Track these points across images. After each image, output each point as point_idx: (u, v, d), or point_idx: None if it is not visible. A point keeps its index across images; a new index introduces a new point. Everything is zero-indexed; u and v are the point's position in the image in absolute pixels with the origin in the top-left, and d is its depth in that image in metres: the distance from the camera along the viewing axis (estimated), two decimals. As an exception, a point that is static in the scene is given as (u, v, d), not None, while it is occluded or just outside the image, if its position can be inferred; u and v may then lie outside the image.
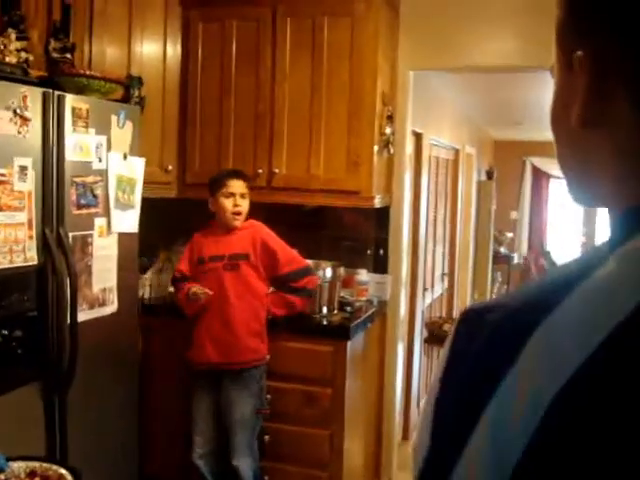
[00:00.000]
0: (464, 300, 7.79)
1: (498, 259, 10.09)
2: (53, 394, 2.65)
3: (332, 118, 3.62)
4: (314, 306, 3.55)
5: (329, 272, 3.53)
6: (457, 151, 6.95)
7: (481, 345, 0.54)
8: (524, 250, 11.68)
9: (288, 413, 3.43)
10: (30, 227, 2.48)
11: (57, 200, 2.62)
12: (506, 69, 4.19)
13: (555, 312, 0.51)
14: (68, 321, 2.64)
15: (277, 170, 3.70)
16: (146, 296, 3.75)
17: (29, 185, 2.46)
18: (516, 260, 11.11)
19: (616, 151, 0.59)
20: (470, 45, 3.91)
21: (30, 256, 2.47)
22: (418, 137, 4.75)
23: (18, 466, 1.57)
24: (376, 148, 3.61)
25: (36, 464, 1.58)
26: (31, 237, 2.48)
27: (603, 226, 11.52)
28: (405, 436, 4.78)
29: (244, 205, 3.32)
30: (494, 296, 9.73)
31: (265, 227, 3.40)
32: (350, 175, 3.59)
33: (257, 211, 3.47)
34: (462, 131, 7.32)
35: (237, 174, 3.38)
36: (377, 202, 3.67)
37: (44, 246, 2.55)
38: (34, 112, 2.49)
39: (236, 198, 3.31)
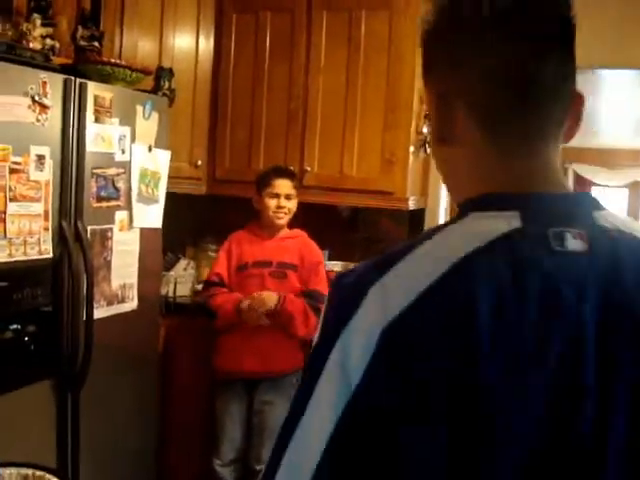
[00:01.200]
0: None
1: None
2: (66, 392, 2.55)
3: (367, 115, 3.49)
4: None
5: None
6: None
7: (336, 301, 0.79)
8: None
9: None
10: (46, 219, 2.38)
11: (76, 192, 2.51)
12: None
13: (392, 269, 0.75)
14: (84, 317, 2.54)
15: (309, 168, 3.57)
16: (170, 294, 3.64)
17: (46, 175, 2.36)
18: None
19: (464, 162, 0.84)
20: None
21: (45, 249, 2.38)
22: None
23: (10, 473, 1.46)
24: (412, 148, 3.46)
25: (29, 471, 1.47)
26: (47, 229, 2.38)
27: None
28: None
29: (289, 205, 3.18)
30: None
31: (311, 240, 3.28)
32: (384, 175, 3.45)
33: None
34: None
35: (283, 173, 3.23)
36: (411, 204, 3.52)
37: (60, 239, 2.44)
38: (54, 99, 2.39)
39: (280, 199, 3.16)
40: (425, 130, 3.54)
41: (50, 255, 2.41)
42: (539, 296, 0.75)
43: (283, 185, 3.17)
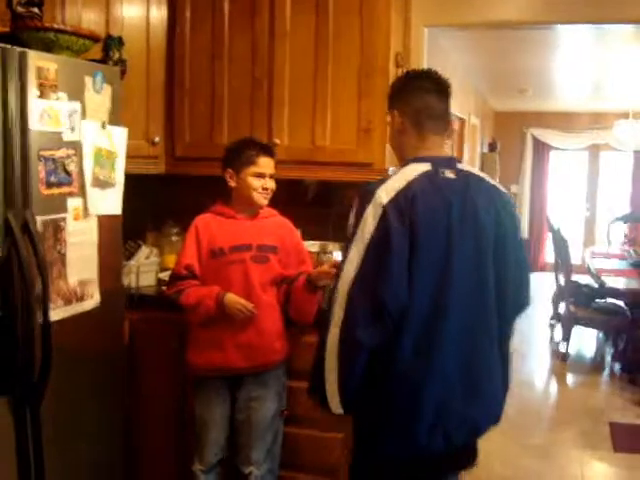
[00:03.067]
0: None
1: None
2: (23, 408, 2.24)
3: (340, 81, 3.20)
4: (323, 295, 3.15)
5: (339, 255, 3.11)
6: (463, 121, 6.55)
7: (361, 200, 1.97)
8: (525, 225, 11.33)
9: (299, 415, 3.04)
10: (-12, 211, 2.06)
11: (21, 178, 2.19)
12: (522, 24, 3.79)
13: (384, 184, 1.96)
14: (39, 321, 2.23)
15: (278, 141, 3.28)
16: (132, 285, 3.33)
17: (-15, 160, 2.04)
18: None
19: (410, 142, 2.12)
20: (487, -1, 3.53)
21: (-11, 246, 2.06)
22: (429, 104, 4.33)
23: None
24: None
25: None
26: (-10, 223, 2.06)
27: (604, 199, 11.17)
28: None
29: (272, 185, 2.90)
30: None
31: (286, 219, 3.03)
32: (361, 146, 3.18)
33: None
34: (468, 100, 6.92)
35: (269, 151, 2.91)
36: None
37: (6, 234, 2.13)
38: (-10, 72, 2.06)
39: (266, 179, 2.87)
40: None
41: (-4, 253, 2.09)
42: (440, 194, 1.99)
43: (268, 164, 2.88)
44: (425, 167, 2.00)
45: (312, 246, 3.33)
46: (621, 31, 4.98)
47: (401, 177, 1.97)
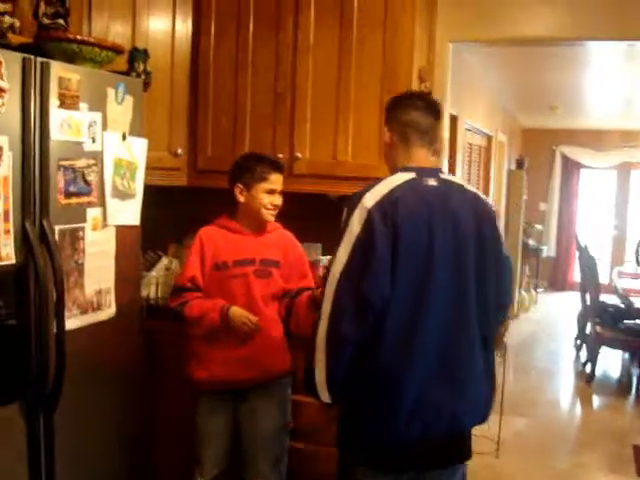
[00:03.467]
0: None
1: (526, 252, 9.63)
2: (37, 415, 2.25)
3: (362, 96, 3.19)
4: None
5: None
6: (490, 138, 6.51)
7: (350, 205, 2.09)
8: (553, 243, 11.21)
9: (313, 431, 3.01)
10: (6, 219, 2.07)
11: (40, 187, 2.21)
12: (550, 41, 3.75)
13: (370, 190, 2.09)
14: (54, 330, 2.24)
15: (300, 155, 3.28)
16: (152, 296, 3.34)
17: (4, 169, 2.06)
18: (545, 253, 10.63)
19: (398, 155, 2.31)
20: (513, 15, 3.52)
21: (6, 254, 2.07)
22: (453, 120, 4.32)
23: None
24: (412, 130, 3.18)
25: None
26: (7, 232, 2.08)
27: (634, 217, 11.01)
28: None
29: (281, 201, 2.89)
30: (523, 292, 9.27)
31: (289, 232, 3.01)
32: (382, 161, 3.15)
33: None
34: (495, 117, 6.87)
35: (279, 167, 2.90)
36: (412, 191, 3.24)
37: (24, 242, 2.14)
38: (12, 82, 2.08)
39: (276, 196, 2.86)
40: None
41: (12, 261, 2.11)
42: (422, 199, 2.11)
43: (279, 180, 2.87)
44: (410, 175, 2.17)
45: (331, 260, 3.30)
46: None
47: (386, 184, 2.13)
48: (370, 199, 2.06)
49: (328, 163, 3.25)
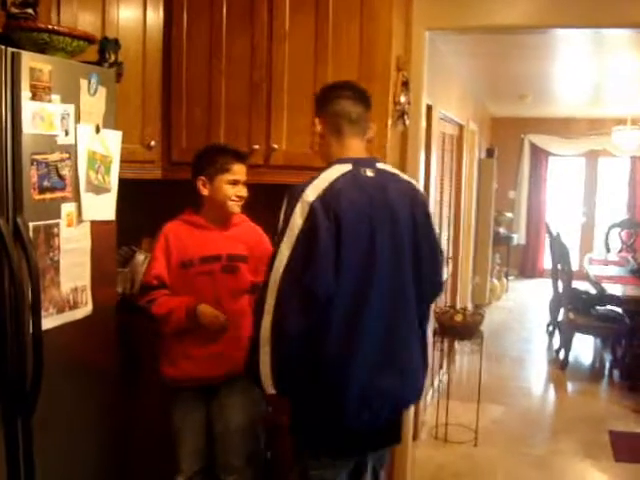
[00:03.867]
0: (465, 286, 7.35)
1: (497, 240, 9.69)
2: (14, 419, 2.17)
3: (339, 85, 3.14)
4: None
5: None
6: (461, 127, 6.49)
7: (287, 200, 2.19)
8: (523, 230, 11.28)
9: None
10: (-22, 216, 1.99)
11: (13, 182, 2.13)
12: (527, 28, 3.72)
13: (311, 184, 2.16)
14: (30, 330, 2.16)
15: (276, 146, 3.22)
16: (127, 292, 3.26)
17: (-25, 164, 1.97)
18: (516, 241, 10.70)
19: (331, 145, 2.34)
20: (489, 2, 3.49)
21: (-22, 252, 1.99)
22: (429, 109, 4.27)
23: None
24: (390, 120, 3.14)
25: None
26: (-21, 229, 2.00)
27: (602, 205, 11.13)
28: (415, 436, 4.35)
29: (245, 192, 2.85)
30: (494, 280, 9.32)
31: (255, 225, 2.99)
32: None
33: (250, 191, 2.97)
34: (466, 106, 6.86)
35: (241, 157, 2.86)
36: (391, 181, 3.20)
37: (-4, 240, 2.06)
38: (-19, 73, 1.99)
39: (239, 187, 2.82)
40: (402, 99, 3.22)
41: (-15, 260, 2.02)
42: (361, 190, 2.19)
43: (243, 171, 2.83)
44: (347, 167, 2.22)
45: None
46: (620, 36, 4.94)
47: (326, 177, 2.18)
48: (312, 193, 2.10)
49: (305, 154, 3.19)
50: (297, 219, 2.08)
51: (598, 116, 10.26)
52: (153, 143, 3.29)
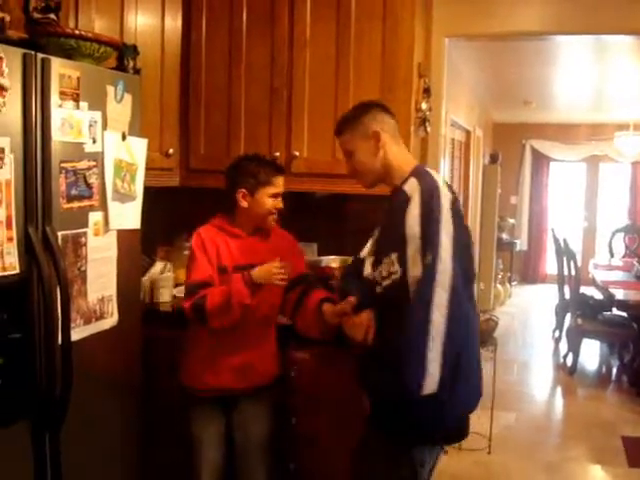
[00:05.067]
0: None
1: (500, 246, 9.67)
2: (43, 432, 2.13)
3: (361, 92, 3.10)
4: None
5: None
6: (469, 133, 6.49)
7: (426, 196, 2.11)
8: (525, 236, 11.27)
9: (317, 437, 2.94)
10: (9, 226, 1.95)
11: (43, 191, 2.09)
12: (544, 34, 3.72)
13: (439, 180, 2.18)
14: (59, 342, 2.12)
15: (297, 153, 3.19)
16: (146, 301, 3.22)
17: (6, 173, 1.93)
18: (519, 247, 10.69)
19: (398, 152, 2.34)
20: (508, 9, 3.48)
21: (10, 263, 1.95)
22: (442, 116, 4.25)
23: None
24: (412, 127, 3.11)
25: None
26: (11, 239, 1.95)
27: (603, 209, 11.13)
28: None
29: (282, 205, 2.79)
30: (499, 286, 9.30)
31: (290, 236, 2.93)
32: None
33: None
34: (473, 112, 6.86)
35: (282, 169, 2.81)
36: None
37: (27, 249, 2.02)
38: (12, 79, 1.96)
39: (279, 199, 2.76)
40: (424, 106, 3.20)
41: (16, 270, 1.98)
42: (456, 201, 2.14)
43: (282, 184, 2.78)
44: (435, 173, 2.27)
45: (333, 261, 3.23)
46: (621, 43, 4.96)
47: (437, 175, 2.22)
48: (445, 200, 2.11)
49: (327, 161, 3.17)
50: (447, 213, 2.07)
51: (600, 122, 10.27)
52: (171, 151, 3.26)
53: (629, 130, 8.61)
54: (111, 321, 2.43)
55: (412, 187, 2.15)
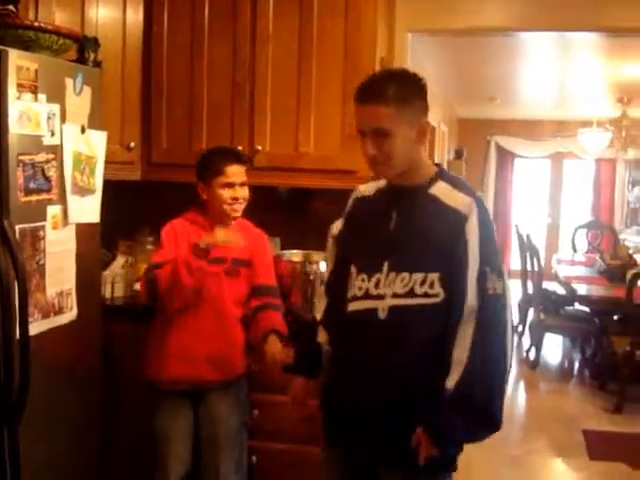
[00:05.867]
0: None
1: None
2: (1, 427, 2.11)
3: (324, 86, 3.12)
4: (305, 304, 3.08)
5: (323, 266, 3.02)
6: (433, 129, 6.53)
7: (483, 210, 1.92)
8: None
9: (278, 430, 2.95)
10: (-35, 219, 1.93)
11: (0, 184, 2.06)
12: (507, 30, 3.77)
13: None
14: (17, 336, 2.10)
15: (260, 147, 3.19)
16: (107, 296, 3.20)
17: (-38, 165, 1.91)
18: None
19: (421, 150, 1.96)
20: (471, 5, 3.51)
21: (-34, 256, 1.93)
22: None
23: None
24: (374, 121, 3.12)
25: None
26: (-34, 232, 1.93)
27: (567, 206, 11.29)
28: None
29: (244, 193, 2.75)
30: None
31: (259, 230, 2.93)
32: (345, 152, 3.10)
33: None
34: (438, 108, 6.91)
35: (237, 157, 2.77)
36: (375, 183, 3.20)
37: (-17, 243, 2.00)
38: (-33, 71, 1.93)
39: (236, 189, 2.72)
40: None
41: (-27, 264, 1.96)
42: None
43: (237, 172, 2.73)
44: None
45: (295, 255, 3.24)
46: (585, 40, 5.03)
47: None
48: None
49: (289, 155, 3.18)
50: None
51: (564, 118, 10.41)
52: (133, 144, 3.23)
53: (592, 127, 8.73)
54: (70, 315, 2.41)
55: (463, 202, 1.90)
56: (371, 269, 1.98)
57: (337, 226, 2.25)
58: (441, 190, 1.94)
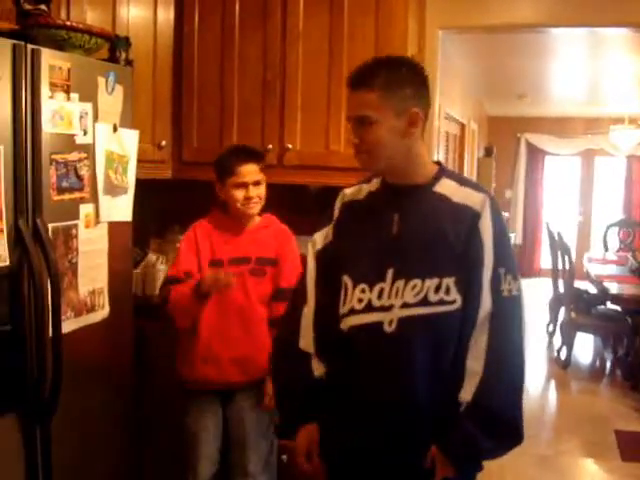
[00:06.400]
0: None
1: (494, 240, 9.65)
2: (33, 425, 2.13)
3: (354, 84, 3.10)
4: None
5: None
6: (463, 126, 6.48)
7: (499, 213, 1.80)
8: (520, 230, 11.29)
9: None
10: (-1, 218, 1.95)
11: (32, 183, 2.08)
12: (539, 26, 3.72)
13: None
14: (50, 334, 2.11)
15: (290, 146, 3.18)
16: (139, 294, 3.22)
17: (-4, 164, 1.93)
18: (514, 241, 10.70)
19: (421, 144, 1.78)
20: (500, 1, 3.47)
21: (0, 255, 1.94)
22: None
23: None
24: (405, 119, 3.10)
25: None
26: (0, 231, 1.95)
27: (598, 203, 11.15)
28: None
29: (259, 192, 2.73)
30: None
31: (285, 228, 2.88)
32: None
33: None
34: (467, 105, 6.85)
35: (248, 156, 2.73)
36: (406, 182, 3.17)
37: (17, 242, 2.01)
38: (2, 70, 1.95)
39: (249, 189, 2.69)
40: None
41: (7, 263, 1.97)
42: None
43: (249, 171, 2.69)
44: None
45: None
46: (617, 36, 4.96)
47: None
48: None
49: (320, 153, 3.16)
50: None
51: (595, 115, 10.26)
52: (164, 143, 3.25)
53: (624, 124, 8.61)
54: (102, 313, 2.42)
55: (474, 198, 1.76)
56: (372, 278, 1.77)
57: (320, 239, 1.98)
58: (448, 188, 1.78)
